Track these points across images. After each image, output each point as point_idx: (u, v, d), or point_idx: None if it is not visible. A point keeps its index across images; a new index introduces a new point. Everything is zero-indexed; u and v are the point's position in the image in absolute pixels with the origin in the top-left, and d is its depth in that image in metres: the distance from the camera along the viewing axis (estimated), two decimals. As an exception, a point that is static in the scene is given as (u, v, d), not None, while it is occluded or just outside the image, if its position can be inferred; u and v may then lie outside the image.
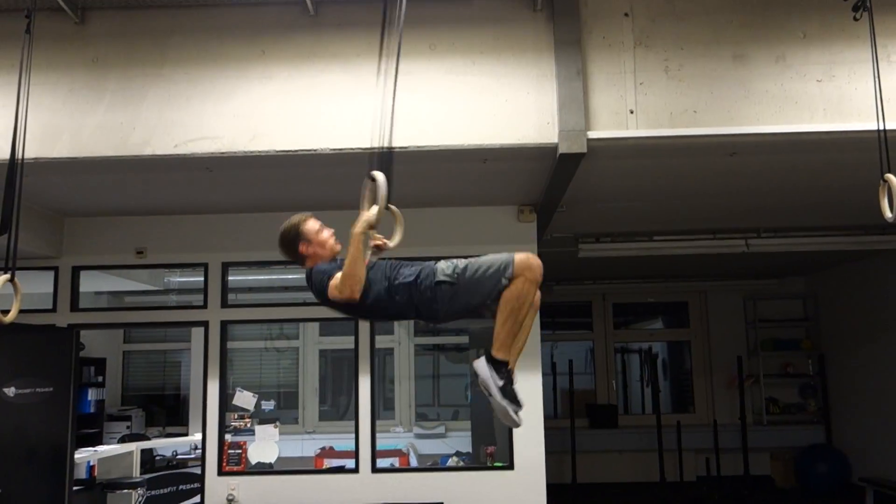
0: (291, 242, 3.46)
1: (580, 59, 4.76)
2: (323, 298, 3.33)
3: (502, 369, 3.14)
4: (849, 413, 10.76)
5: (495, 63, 4.87)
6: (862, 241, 7.97)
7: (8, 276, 3.78)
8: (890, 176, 3.91)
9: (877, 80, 4.21)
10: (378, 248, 3.27)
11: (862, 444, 10.36)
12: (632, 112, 4.75)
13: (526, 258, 3.19)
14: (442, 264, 3.24)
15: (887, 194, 3.95)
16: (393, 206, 3.17)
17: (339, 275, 3.14)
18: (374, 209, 3.07)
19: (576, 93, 4.72)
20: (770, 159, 5.37)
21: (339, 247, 3.43)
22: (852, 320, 10.54)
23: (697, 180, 5.93)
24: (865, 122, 4.56)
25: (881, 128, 4.10)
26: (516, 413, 3.14)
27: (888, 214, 3.95)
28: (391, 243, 3.26)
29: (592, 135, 4.70)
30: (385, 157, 3.23)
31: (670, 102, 4.75)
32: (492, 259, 3.19)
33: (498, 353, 3.14)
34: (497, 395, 3.13)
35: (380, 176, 3.10)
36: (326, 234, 3.45)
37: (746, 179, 5.90)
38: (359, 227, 3.06)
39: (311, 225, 3.46)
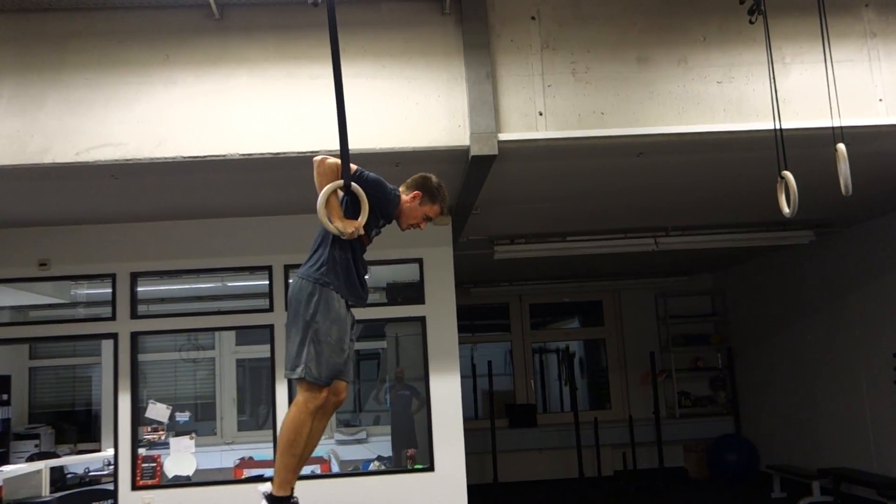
0: (424, 188, 3.41)
1: (489, 62, 4.82)
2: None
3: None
4: (756, 404, 11.19)
5: (405, 66, 4.89)
6: (764, 238, 8.30)
7: None
8: (787, 173, 4.10)
9: (772, 81, 4.42)
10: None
11: (768, 434, 10.80)
12: (541, 114, 4.84)
13: (337, 389, 3.16)
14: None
15: (785, 191, 4.14)
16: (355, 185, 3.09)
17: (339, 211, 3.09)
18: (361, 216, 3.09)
19: (486, 95, 4.77)
20: (675, 159, 5.54)
21: (407, 224, 3.44)
22: (758, 314, 10.98)
23: (607, 181, 6.08)
24: (763, 122, 4.78)
25: (777, 127, 4.30)
26: None
27: (786, 210, 4.13)
28: (359, 223, 3.13)
29: (503, 137, 4.77)
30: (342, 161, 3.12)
31: (578, 104, 4.86)
32: (329, 358, 3.08)
33: (280, 492, 3.08)
34: None
35: (358, 187, 3.09)
36: (422, 221, 3.46)
37: (654, 179, 6.08)
38: (357, 230, 3.08)
39: (435, 210, 3.47)
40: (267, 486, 3.10)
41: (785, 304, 10.16)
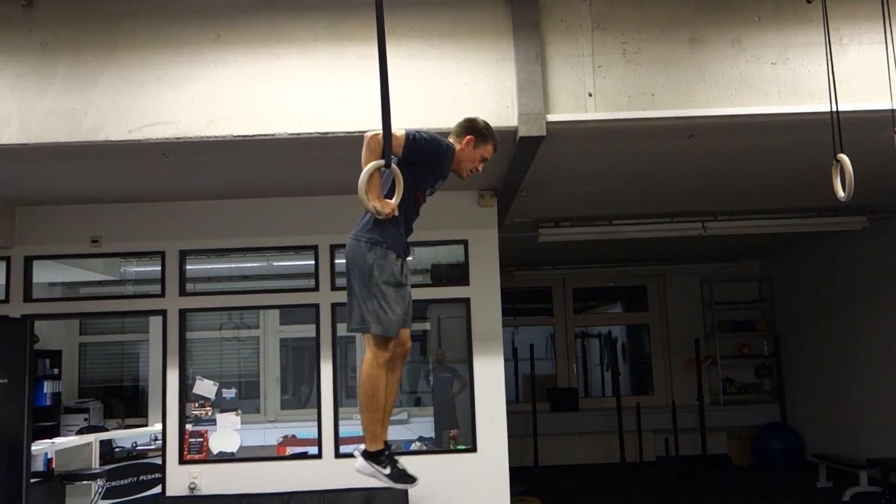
0: (473, 130, 3.37)
1: (539, 43, 4.77)
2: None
3: (382, 457, 3.11)
4: (802, 392, 11.01)
5: (454, 47, 4.86)
6: (815, 223, 8.13)
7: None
8: (842, 156, 3.99)
9: (829, 62, 4.29)
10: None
11: (815, 422, 10.63)
12: (590, 95, 4.78)
13: (404, 340, 3.19)
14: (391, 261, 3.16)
15: (840, 174, 4.04)
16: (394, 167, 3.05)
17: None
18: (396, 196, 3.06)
19: (534, 76, 4.73)
20: (726, 141, 5.45)
21: (467, 171, 3.41)
22: (805, 301, 10.78)
23: (655, 163, 6.00)
24: (818, 104, 4.65)
25: (834, 109, 4.18)
26: (414, 483, 3.16)
27: (841, 194, 4.03)
28: (394, 203, 3.14)
29: (551, 118, 4.72)
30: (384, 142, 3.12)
31: (628, 85, 4.79)
32: (398, 311, 3.09)
33: (375, 444, 3.11)
34: (390, 483, 3.11)
35: (395, 168, 3.04)
36: (479, 164, 3.43)
37: (703, 162, 5.99)
38: (394, 211, 3.06)
39: (489, 150, 3.43)
40: (361, 446, 3.17)
41: (834, 291, 9.96)
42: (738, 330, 11.87)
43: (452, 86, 4.83)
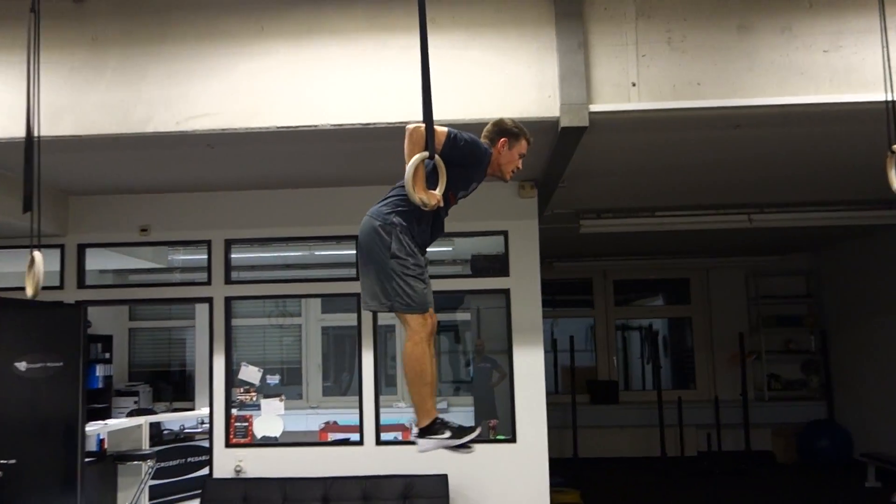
0: (504, 132, 3.35)
1: (581, 32, 4.73)
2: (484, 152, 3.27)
3: (437, 427, 3.11)
4: (851, 389, 10.80)
5: (496, 37, 4.85)
6: (866, 216, 7.96)
7: (36, 253, 3.84)
8: (898, 147, 3.89)
9: (885, 49, 4.18)
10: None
11: (863, 420, 10.42)
12: (634, 84, 4.73)
13: (432, 320, 3.16)
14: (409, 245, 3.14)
15: (895, 166, 3.94)
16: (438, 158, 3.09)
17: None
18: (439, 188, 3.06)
19: (577, 66, 4.70)
20: (774, 132, 5.35)
21: (509, 172, 3.37)
22: (855, 297, 10.56)
23: (700, 154, 5.92)
24: (872, 93, 4.51)
25: (889, 98, 4.08)
26: (477, 432, 3.16)
27: (896, 186, 3.93)
28: (438, 193, 3.17)
29: (594, 108, 4.68)
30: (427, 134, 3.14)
31: (673, 74, 4.73)
32: (423, 290, 3.10)
33: (426, 418, 3.11)
34: (457, 443, 3.11)
35: (439, 159, 3.04)
36: (519, 162, 3.39)
37: (750, 153, 5.89)
38: (439, 202, 3.05)
39: (524, 146, 3.39)
40: (419, 441, 3.16)
41: (884, 285, 9.74)
42: (784, 325, 11.67)
43: (494, 76, 4.82)
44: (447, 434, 3.10)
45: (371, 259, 3.15)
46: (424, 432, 3.12)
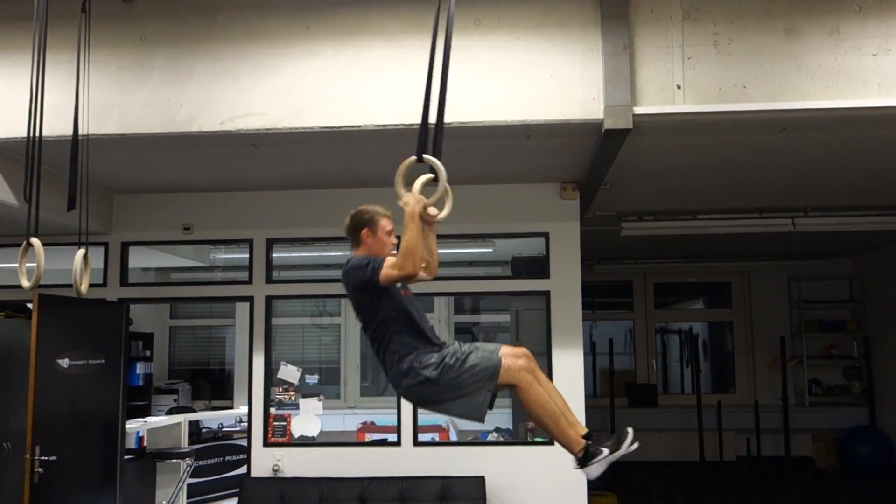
0: (362, 224, 3.56)
1: (627, 34, 4.69)
2: (354, 285, 3.39)
3: (592, 451, 3.09)
4: (894, 395, 10.60)
5: (540, 38, 4.83)
6: (912, 221, 7.80)
7: (84, 251, 3.92)
8: (946, 152, 3.82)
9: (934, 53, 4.11)
10: (426, 220, 3.29)
11: (907, 427, 10.22)
12: (679, 87, 4.68)
13: (511, 363, 3.20)
14: (431, 358, 3.27)
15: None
16: (428, 157, 3.19)
17: (392, 259, 3.23)
18: (437, 192, 3.16)
19: (622, 68, 4.66)
20: (821, 136, 5.26)
21: (392, 254, 3.47)
22: (900, 302, 10.36)
23: (744, 158, 5.84)
24: (922, 97, 4.46)
25: (938, 103, 4.01)
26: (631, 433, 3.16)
27: (943, 191, 3.86)
28: (440, 216, 3.28)
29: (638, 110, 4.64)
30: (430, 134, 3.24)
31: (719, 77, 4.68)
32: (478, 361, 3.20)
33: (577, 448, 3.12)
34: (622, 453, 3.12)
35: (436, 161, 3.17)
36: (391, 240, 3.54)
37: (795, 157, 5.80)
38: (418, 204, 3.11)
39: (386, 223, 3.57)
40: (584, 468, 3.17)
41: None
42: (826, 330, 11.49)
43: (538, 78, 4.80)
44: (605, 452, 3.09)
45: (433, 399, 3.27)
46: (584, 461, 3.11)
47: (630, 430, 3.15)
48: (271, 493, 6.32)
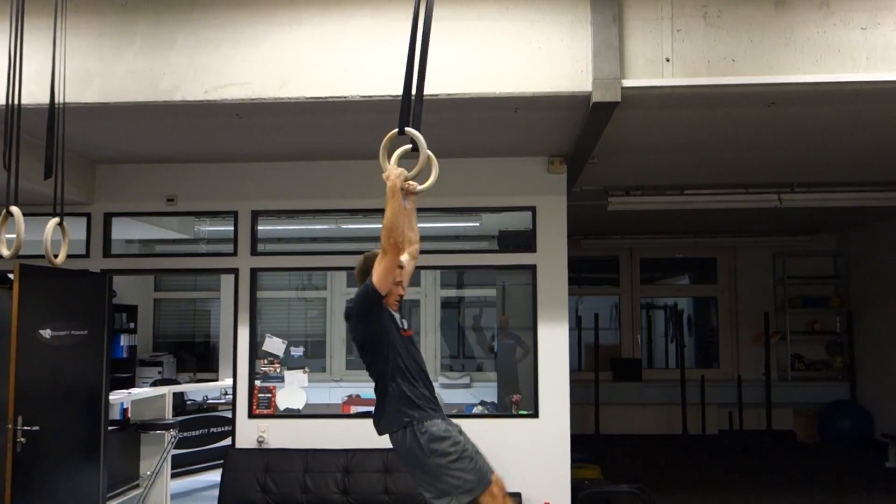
0: (363, 273, 3.65)
1: (616, 5, 4.64)
2: (357, 311, 3.55)
3: None
4: (874, 370, 10.72)
5: (529, 9, 4.77)
6: (896, 198, 7.84)
7: (57, 220, 3.87)
8: (933, 127, 3.82)
9: (923, 28, 4.09)
10: (407, 192, 3.28)
11: (886, 401, 10.36)
12: (668, 60, 4.65)
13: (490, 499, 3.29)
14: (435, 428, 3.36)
15: (929, 146, 3.87)
16: (430, 153, 3.18)
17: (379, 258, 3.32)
18: (417, 165, 3.16)
19: (611, 40, 4.62)
20: (809, 110, 5.25)
21: (396, 301, 3.63)
22: (882, 278, 10.44)
23: (732, 132, 5.83)
24: (911, 72, 4.45)
25: (926, 78, 4.00)
26: None
27: (929, 166, 3.86)
28: (420, 187, 3.27)
29: (627, 83, 4.61)
30: (415, 106, 3.22)
31: (708, 50, 4.64)
32: (463, 471, 3.28)
33: None
34: None
35: (415, 132, 3.16)
36: (399, 290, 3.65)
37: (783, 132, 5.79)
38: (398, 178, 3.09)
39: (398, 273, 3.62)
40: None
41: (914, 268, 9.63)
42: (809, 305, 11.57)
43: (526, 49, 4.75)
44: None
45: (417, 469, 3.36)
46: None
47: None
48: (256, 464, 6.33)
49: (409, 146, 3.27)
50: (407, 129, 3.16)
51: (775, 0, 4.68)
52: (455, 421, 3.63)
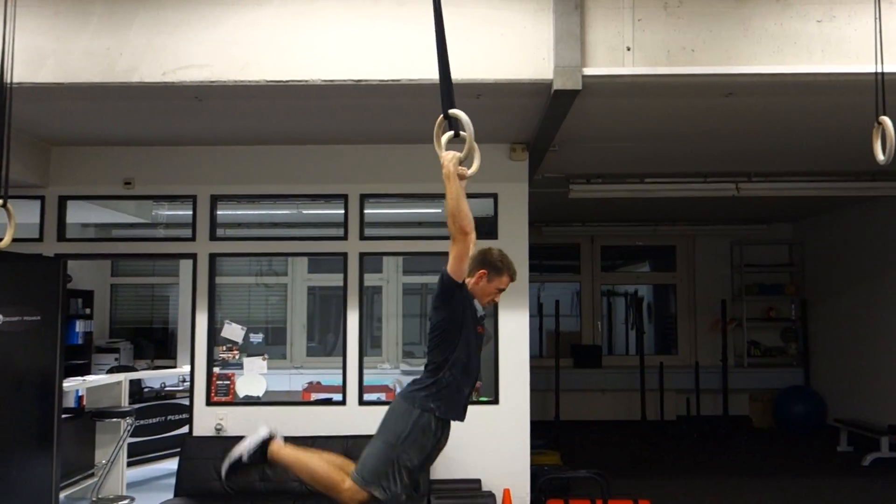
0: (487, 264, 3.63)
1: (579, -7, 4.66)
2: (437, 294, 3.52)
3: None
4: (827, 356, 10.97)
5: (491, -5, 4.77)
6: (852, 188, 8.00)
7: (0, 202, 3.77)
8: (885, 119, 3.89)
9: (877, 21, 4.16)
10: (461, 177, 3.33)
11: (838, 387, 10.60)
12: (629, 49, 4.68)
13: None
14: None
15: (881, 137, 3.94)
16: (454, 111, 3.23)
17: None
18: (465, 147, 3.21)
19: (573, 28, 4.64)
20: (766, 101, 5.34)
21: (484, 303, 3.66)
22: (836, 267, 10.67)
23: (691, 121, 5.90)
24: (863, 65, 4.52)
25: (879, 70, 4.07)
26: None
27: (881, 157, 3.93)
28: (470, 171, 3.28)
29: (588, 71, 4.64)
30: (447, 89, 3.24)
31: (668, 40, 4.68)
32: (391, 462, 3.55)
33: None
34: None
35: (462, 114, 3.19)
36: (495, 297, 3.66)
37: (740, 122, 5.88)
38: (451, 162, 3.19)
39: (505, 282, 3.66)
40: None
41: (866, 257, 9.85)
42: (766, 293, 11.79)
43: (488, 36, 4.75)
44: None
45: (384, 432, 3.51)
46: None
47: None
48: (214, 452, 6.25)
49: (452, 132, 3.29)
50: (451, 111, 3.15)
51: (735, -9, 4.73)
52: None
